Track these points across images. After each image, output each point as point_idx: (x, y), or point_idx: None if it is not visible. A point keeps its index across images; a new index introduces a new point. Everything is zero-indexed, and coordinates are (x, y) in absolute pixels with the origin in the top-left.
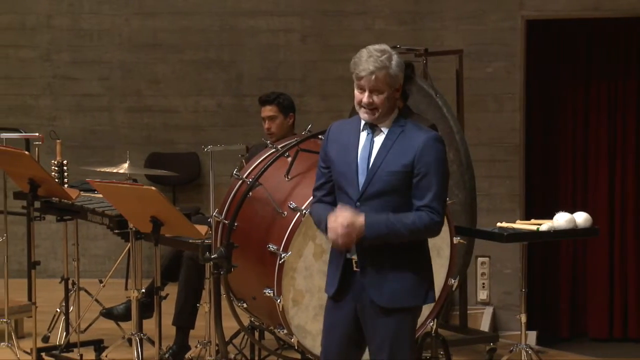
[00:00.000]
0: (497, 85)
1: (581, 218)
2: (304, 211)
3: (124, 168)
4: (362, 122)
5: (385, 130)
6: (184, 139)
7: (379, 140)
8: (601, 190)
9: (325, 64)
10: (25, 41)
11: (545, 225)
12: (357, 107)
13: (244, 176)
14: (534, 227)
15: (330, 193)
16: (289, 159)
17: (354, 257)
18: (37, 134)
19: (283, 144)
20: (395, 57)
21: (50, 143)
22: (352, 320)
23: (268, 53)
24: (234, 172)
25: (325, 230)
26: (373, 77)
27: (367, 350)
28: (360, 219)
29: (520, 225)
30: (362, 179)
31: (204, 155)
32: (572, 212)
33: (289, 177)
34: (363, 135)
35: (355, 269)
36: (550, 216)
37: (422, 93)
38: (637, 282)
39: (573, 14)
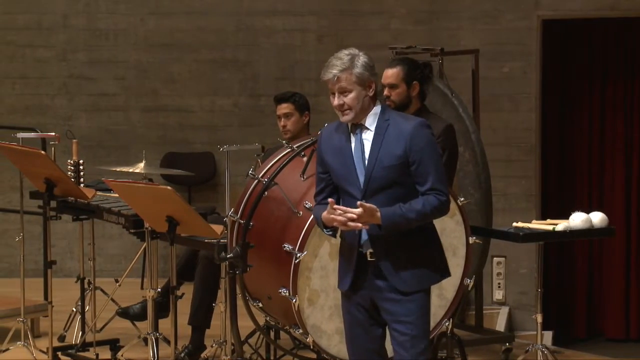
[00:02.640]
0: (513, 85)
1: (597, 218)
2: None
3: (139, 168)
4: (350, 124)
5: (372, 127)
6: (199, 138)
7: (368, 138)
8: (617, 190)
9: None
10: (42, 41)
11: (561, 225)
12: (336, 112)
13: (260, 176)
14: (550, 227)
15: (330, 196)
16: (305, 159)
17: (370, 250)
18: (53, 134)
19: (299, 144)
20: (361, 57)
21: (66, 143)
22: (370, 308)
23: (284, 53)
24: (250, 172)
25: (321, 228)
26: (335, 79)
27: None
28: (375, 209)
29: (536, 225)
30: (361, 178)
31: (219, 155)
32: (588, 211)
33: (305, 176)
34: (353, 136)
35: (369, 259)
36: (566, 216)
37: (438, 93)
38: None
39: (589, 14)
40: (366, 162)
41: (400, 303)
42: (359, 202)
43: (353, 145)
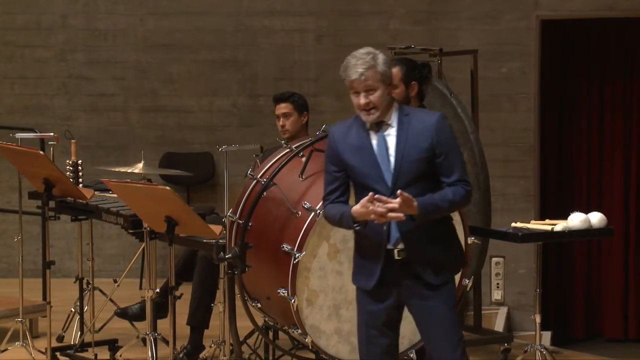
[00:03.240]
0: (512, 85)
1: (596, 218)
2: (319, 211)
3: (138, 168)
4: (368, 123)
5: (394, 124)
6: (198, 139)
7: (390, 134)
8: (616, 191)
9: (340, 64)
10: (41, 41)
11: (559, 225)
12: (357, 112)
13: (258, 176)
14: (549, 227)
15: (343, 194)
16: (303, 159)
17: (399, 246)
18: (52, 134)
19: (297, 144)
20: (381, 55)
21: (65, 143)
22: (393, 306)
23: (283, 53)
24: (248, 172)
25: (349, 222)
26: (363, 77)
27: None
28: (414, 201)
29: (535, 225)
30: (387, 175)
31: (218, 155)
32: (586, 212)
33: (303, 177)
34: (373, 134)
35: (397, 257)
36: (564, 216)
37: (437, 93)
38: None
39: (588, 14)
40: (392, 157)
41: (429, 296)
42: (398, 192)
43: (375, 142)
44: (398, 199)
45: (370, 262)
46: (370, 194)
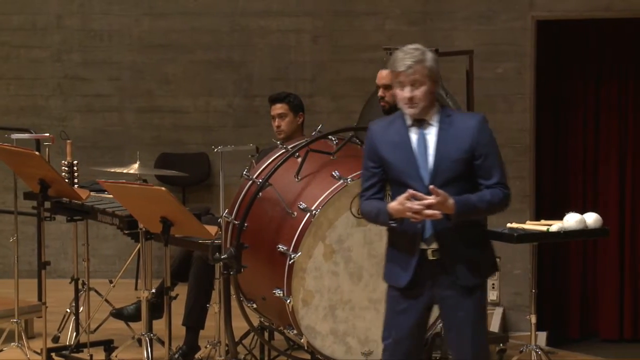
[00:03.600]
0: (507, 85)
1: (591, 219)
2: (314, 212)
3: (134, 168)
4: (409, 119)
5: (434, 123)
6: (194, 139)
7: (431, 133)
8: (611, 191)
9: (335, 65)
10: (36, 42)
11: (555, 225)
12: (400, 105)
13: (254, 177)
14: (544, 228)
15: (380, 191)
16: (299, 160)
17: (433, 246)
18: (47, 135)
19: (293, 145)
20: (429, 53)
21: (60, 143)
22: (424, 307)
23: (278, 53)
24: (244, 173)
25: (386, 219)
26: (411, 70)
27: None
28: (451, 199)
29: (530, 225)
30: (424, 173)
31: (214, 155)
32: (582, 212)
33: (299, 177)
34: (413, 132)
35: (430, 257)
36: (560, 217)
37: None
38: None
39: (584, 14)
40: (430, 156)
41: (463, 298)
42: (431, 187)
43: (414, 139)
44: (433, 197)
45: (404, 260)
46: (408, 191)
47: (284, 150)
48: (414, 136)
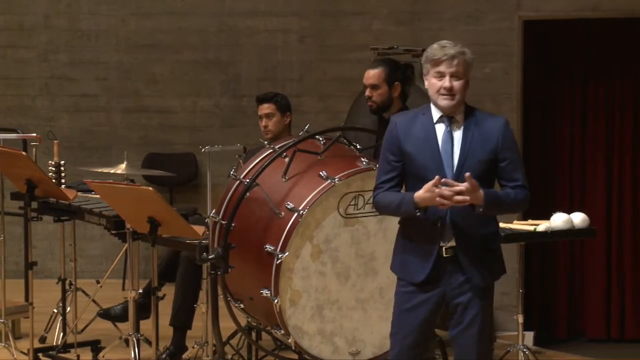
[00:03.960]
0: (495, 85)
1: (578, 218)
2: (301, 212)
3: (121, 168)
4: (436, 115)
5: (461, 121)
6: (181, 139)
7: (458, 131)
8: (599, 191)
9: (323, 65)
10: (23, 42)
11: (542, 225)
12: (434, 96)
13: (241, 177)
14: (532, 228)
15: (398, 185)
16: (286, 160)
17: (451, 243)
18: (34, 135)
19: (280, 145)
20: (468, 50)
21: (47, 143)
22: (436, 304)
23: (266, 53)
24: (231, 173)
25: (411, 208)
26: (455, 61)
27: None
28: (480, 189)
29: (518, 225)
30: (448, 171)
31: (201, 155)
32: (569, 212)
33: (286, 177)
34: (439, 128)
35: (445, 255)
36: (547, 217)
37: (420, 93)
38: (635, 282)
39: (571, 14)
40: (456, 155)
41: (473, 297)
42: (467, 175)
43: (440, 136)
44: (465, 183)
45: (421, 256)
46: (437, 177)
47: (271, 150)
48: (440, 132)
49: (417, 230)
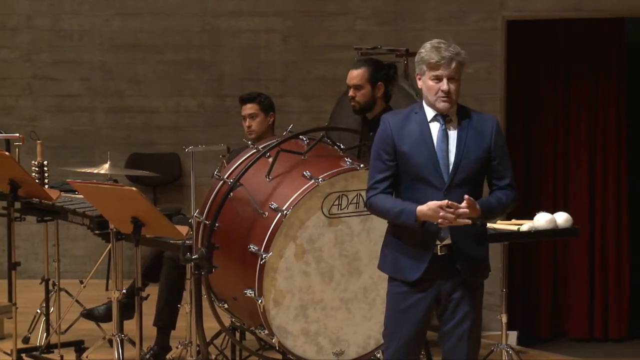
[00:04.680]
0: (478, 85)
1: (561, 218)
2: (285, 212)
3: (104, 169)
4: (430, 114)
5: (455, 120)
6: (164, 139)
7: (453, 130)
8: (582, 191)
9: (306, 65)
10: (5, 41)
11: (526, 225)
12: (432, 98)
13: (225, 177)
14: (515, 228)
15: (392, 186)
16: (270, 160)
17: (446, 241)
18: (17, 135)
19: (264, 145)
20: (459, 47)
21: (30, 144)
22: (430, 302)
23: (249, 53)
24: (215, 173)
25: (411, 220)
26: (453, 64)
27: None
28: (477, 204)
29: (501, 225)
30: (444, 170)
31: (184, 155)
32: (552, 212)
33: (270, 177)
34: (434, 127)
35: (439, 253)
36: (530, 216)
37: (403, 93)
38: (618, 282)
39: (553, 15)
40: (452, 154)
41: (465, 295)
42: (466, 197)
43: (435, 135)
44: (464, 204)
45: (416, 255)
46: (446, 201)
47: (255, 150)
48: (435, 131)
49: (412, 230)
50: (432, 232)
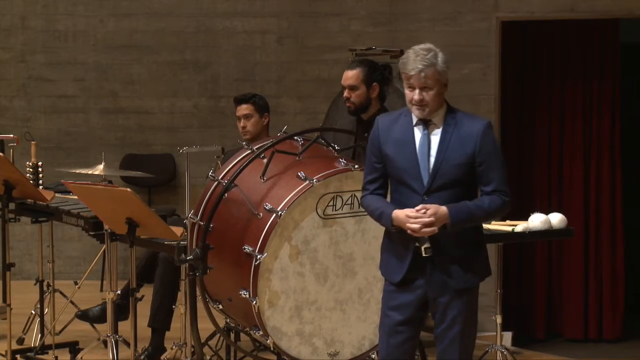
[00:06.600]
0: (473, 86)
1: (556, 219)
2: (280, 212)
3: (99, 169)
4: (415, 117)
5: (440, 124)
6: (159, 140)
7: (435, 134)
8: (576, 191)
9: (301, 65)
10: (0, 42)
11: (520, 226)
12: (408, 105)
13: (220, 177)
14: (510, 228)
15: (382, 187)
16: (265, 161)
17: (426, 245)
18: (12, 136)
19: (259, 145)
20: (440, 55)
21: (25, 144)
22: (419, 302)
23: (244, 54)
24: (210, 174)
25: (388, 224)
26: (422, 74)
27: None
28: (444, 209)
29: (496, 226)
30: (425, 174)
31: (179, 156)
32: (547, 212)
33: (265, 178)
34: (417, 131)
35: (424, 255)
36: (525, 217)
37: (398, 94)
38: (612, 283)
39: (548, 15)
40: (432, 158)
41: (452, 301)
42: (419, 206)
43: (418, 139)
44: (430, 211)
45: (400, 255)
46: (421, 205)
47: (249, 151)
48: (418, 135)
49: (397, 233)
50: (409, 235)
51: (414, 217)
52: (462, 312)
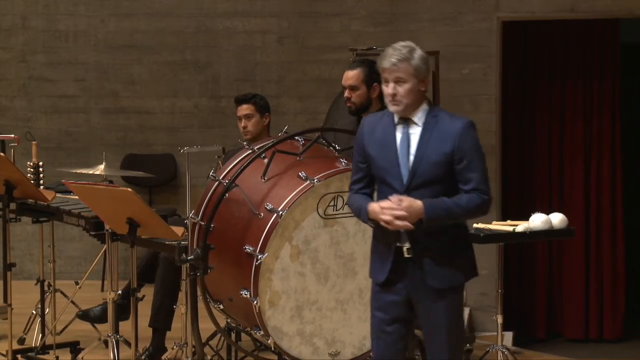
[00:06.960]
0: (473, 86)
1: (557, 219)
2: (281, 212)
3: (100, 169)
4: (396, 117)
5: (420, 123)
6: (160, 140)
7: (415, 132)
8: (577, 191)
9: (301, 65)
10: (1, 42)
11: (521, 226)
12: (386, 102)
13: (221, 177)
14: (510, 228)
15: (368, 186)
16: (266, 160)
17: (406, 244)
18: (12, 136)
19: (259, 145)
20: (419, 52)
21: (26, 144)
22: (404, 302)
23: (244, 54)
24: (211, 174)
25: (365, 218)
26: (395, 67)
27: None
28: (419, 203)
29: (497, 226)
30: (405, 172)
31: (180, 156)
32: (548, 212)
33: (266, 178)
34: (399, 130)
35: (406, 255)
36: (526, 217)
37: None
38: (613, 283)
39: (549, 15)
40: (412, 156)
41: (434, 301)
42: (392, 196)
43: (398, 138)
44: (404, 204)
45: (383, 256)
46: (394, 196)
47: (250, 151)
48: (398, 135)
49: (379, 232)
50: (392, 233)
51: (387, 208)
52: (443, 314)
